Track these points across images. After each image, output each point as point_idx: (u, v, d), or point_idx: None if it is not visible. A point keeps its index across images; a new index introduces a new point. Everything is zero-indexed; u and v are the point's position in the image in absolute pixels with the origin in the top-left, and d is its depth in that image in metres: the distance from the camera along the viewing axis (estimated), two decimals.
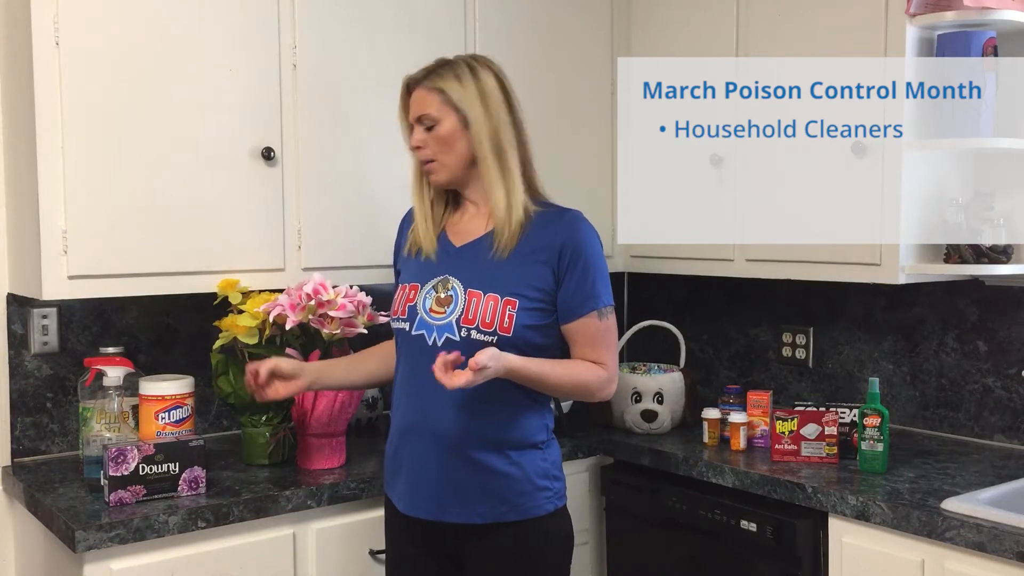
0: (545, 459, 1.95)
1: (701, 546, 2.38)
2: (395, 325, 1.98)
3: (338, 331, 2.23)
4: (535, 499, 1.91)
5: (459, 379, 1.73)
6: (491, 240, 1.93)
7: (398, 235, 2.12)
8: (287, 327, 2.21)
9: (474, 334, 1.87)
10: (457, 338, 1.87)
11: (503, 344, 1.86)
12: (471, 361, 1.73)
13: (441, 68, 1.96)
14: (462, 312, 1.88)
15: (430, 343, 1.89)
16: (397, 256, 2.10)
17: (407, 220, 2.10)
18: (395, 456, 1.98)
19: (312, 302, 2.21)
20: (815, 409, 2.35)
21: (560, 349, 1.96)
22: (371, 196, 2.50)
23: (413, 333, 1.92)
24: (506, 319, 1.87)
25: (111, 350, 2.35)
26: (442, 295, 1.92)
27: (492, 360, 1.76)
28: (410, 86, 1.98)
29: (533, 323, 1.89)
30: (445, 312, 1.90)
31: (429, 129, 1.94)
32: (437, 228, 2.00)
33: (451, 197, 2.03)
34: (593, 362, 1.94)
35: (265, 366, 1.97)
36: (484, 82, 1.94)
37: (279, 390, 1.99)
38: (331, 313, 2.22)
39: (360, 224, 2.48)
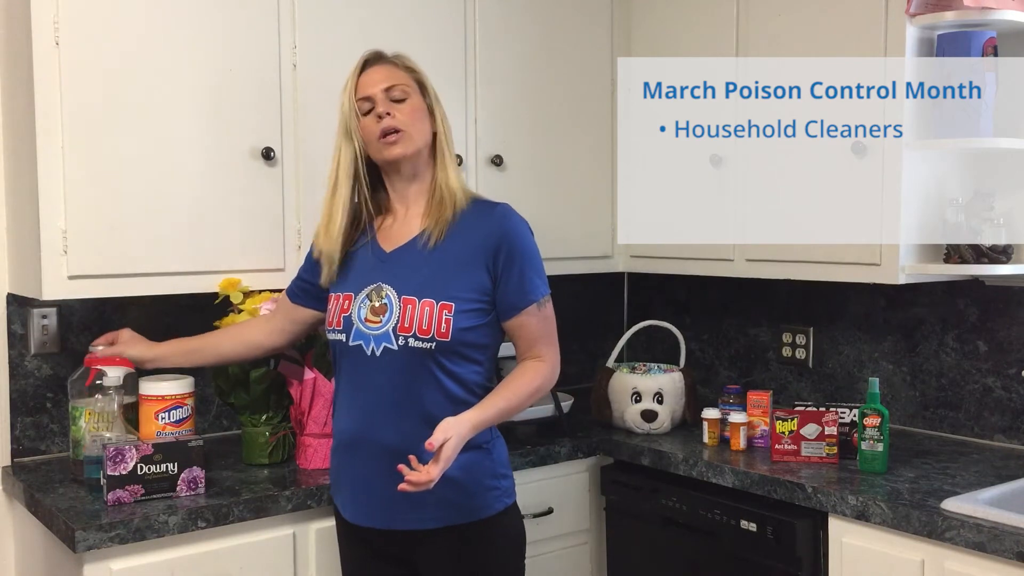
0: (491, 459, 1.94)
1: (701, 546, 2.38)
2: (331, 337, 1.97)
3: None
4: (484, 499, 1.91)
5: (435, 470, 1.71)
6: (422, 238, 1.93)
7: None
8: None
9: (412, 342, 1.85)
10: (395, 347, 1.86)
11: (442, 350, 1.85)
12: (427, 443, 1.71)
13: (401, 54, 2.00)
14: (398, 320, 1.87)
15: (368, 353, 1.88)
16: (310, 256, 2.07)
17: None
18: (340, 467, 1.98)
19: None
20: (815, 409, 2.35)
21: (497, 345, 1.97)
22: None
23: (350, 344, 1.91)
24: (443, 324, 1.85)
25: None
26: (376, 304, 1.90)
27: (448, 432, 1.74)
28: (370, 61, 1.96)
29: (471, 324, 1.88)
30: (381, 321, 1.88)
31: (397, 101, 1.93)
32: (346, 235, 1.96)
33: (372, 205, 1.99)
34: (533, 357, 1.94)
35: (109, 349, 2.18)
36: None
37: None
38: None
39: None
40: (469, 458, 1.88)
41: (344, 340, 1.92)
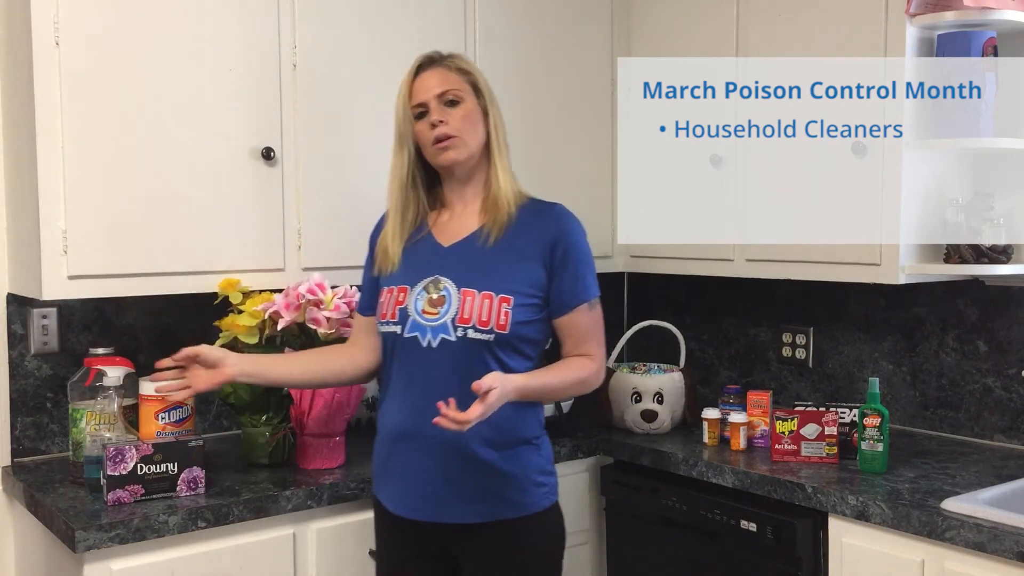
0: (540, 455, 1.96)
1: (701, 546, 2.38)
2: (384, 329, 1.96)
3: (333, 331, 2.24)
4: (532, 495, 1.92)
5: (474, 412, 1.72)
6: (481, 235, 1.94)
7: (370, 247, 2.09)
8: (279, 327, 2.22)
9: (471, 333, 1.87)
10: (453, 338, 1.87)
11: (499, 342, 1.87)
12: (474, 385, 1.72)
13: (455, 54, 1.99)
14: (457, 311, 1.88)
15: (424, 344, 1.89)
16: (370, 267, 2.07)
17: (378, 230, 2.08)
18: (388, 460, 1.97)
19: (303, 301, 2.22)
20: (815, 409, 2.35)
21: (547, 342, 1.99)
22: (371, 196, 2.48)
23: (406, 336, 1.91)
24: (502, 316, 1.87)
25: (100, 351, 2.32)
26: (434, 296, 1.91)
27: (497, 381, 1.75)
28: (423, 66, 1.96)
29: (528, 319, 1.90)
30: (439, 313, 1.89)
31: (450, 105, 1.93)
32: (405, 236, 1.99)
33: (428, 200, 2.02)
34: (581, 355, 1.96)
35: (185, 351, 1.88)
36: (484, 76, 2.00)
37: (200, 379, 1.87)
38: (324, 314, 2.22)
39: (360, 224, 2.45)
40: (520, 452, 1.91)
41: (399, 332, 1.92)
